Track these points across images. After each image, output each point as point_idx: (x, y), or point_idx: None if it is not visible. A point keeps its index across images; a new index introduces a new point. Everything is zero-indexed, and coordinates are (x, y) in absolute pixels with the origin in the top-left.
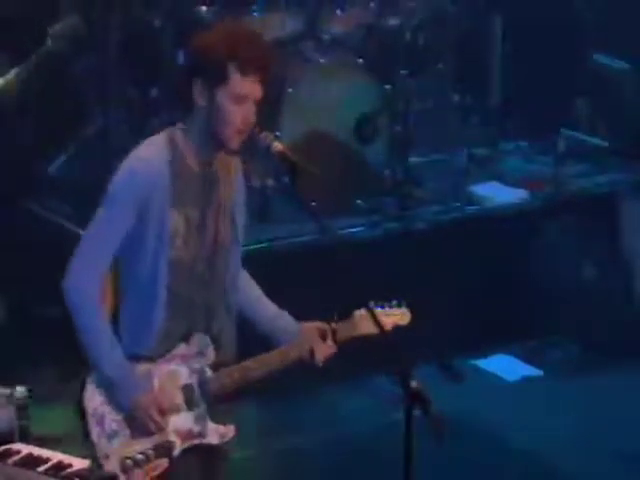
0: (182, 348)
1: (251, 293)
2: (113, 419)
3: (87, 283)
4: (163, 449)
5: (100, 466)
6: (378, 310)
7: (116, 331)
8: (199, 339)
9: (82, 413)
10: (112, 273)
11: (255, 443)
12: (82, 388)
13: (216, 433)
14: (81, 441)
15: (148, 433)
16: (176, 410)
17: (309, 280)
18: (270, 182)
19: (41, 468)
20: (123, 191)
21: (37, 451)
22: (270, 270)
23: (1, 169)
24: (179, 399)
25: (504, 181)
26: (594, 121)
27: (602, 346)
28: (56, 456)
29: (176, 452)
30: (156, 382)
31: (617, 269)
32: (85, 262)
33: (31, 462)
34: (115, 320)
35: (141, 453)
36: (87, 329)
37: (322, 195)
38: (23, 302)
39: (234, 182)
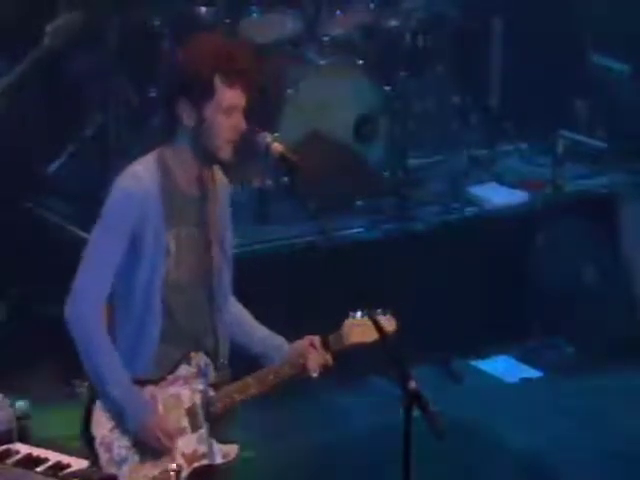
0: (184, 369)
1: (241, 316)
2: (122, 445)
3: (90, 312)
4: (171, 473)
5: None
6: (364, 319)
7: None
8: (199, 359)
9: (90, 441)
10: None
11: (255, 444)
12: (88, 415)
13: (220, 453)
14: (80, 441)
15: (156, 457)
16: (182, 433)
17: (309, 281)
18: (269, 183)
19: (40, 468)
20: (117, 216)
21: (36, 451)
22: (269, 271)
23: (1, 169)
24: (184, 422)
25: (503, 182)
26: (593, 122)
27: (601, 347)
28: (55, 456)
29: (184, 475)
30: (160, 406)
31: (616, 270)
32: (86, 291)
33: (30, 462)
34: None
35: (150, 479)
36: (94, 356)
37: (321, 196)
38: (23, 302)
39: (220, 199)
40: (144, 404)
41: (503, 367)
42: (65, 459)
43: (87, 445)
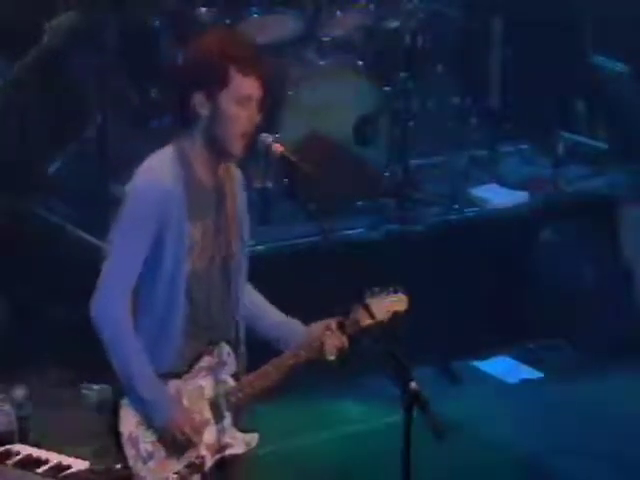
0: (206, 360)
1: (257, 302)
2: (148, 441)
3: (117, 309)
4: (195, 465)
5: (127, 467)
6: (375, 299)
7: None
8: (221, 349)
9: (117, 438)
10: None
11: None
12: (115, 412)
13: (242, 442)
14: (80, 442)
15: (182, 451)
16: (206, 424)
17: (309, 282)
18: (270, 184)
19: (41, 469)
20: (136, 213)
21: (37, 452)
22: (270, 272)
23: (1, 169)
24: (208, 413)
25: (503, 183)
26: (593, 123)
27: (602, 348)
28: (56, 457)
29: (208, 466)
30: (185, 400)
31: (616, 271)
32: (112, 289)
33: (31, 463)
34: None
35: (175, 473)
36: (122, 354)
37: (322, 197)
38: (23, 302)
39: (237, 192)
40: (170, 400)
41: (503, 368)
42: (66, 460)
43: (114, 442)
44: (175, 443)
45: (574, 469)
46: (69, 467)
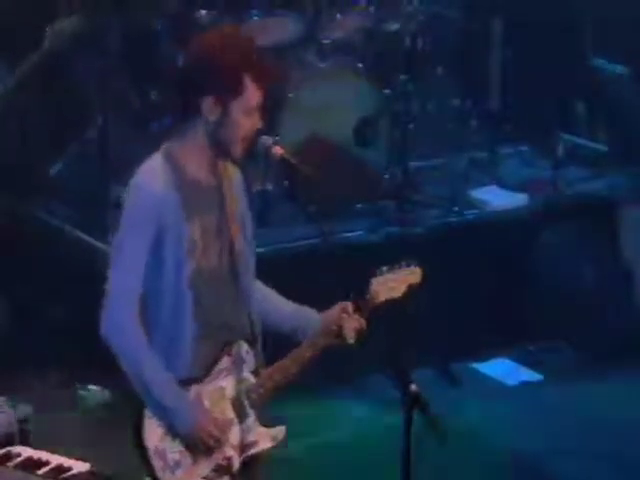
0: (225, 361)
1: (268, 296)
2: (174, 450)
3: (127, 321)
4: (223, 467)
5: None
6: (389, 275)
7: None
8: (239, 347)
9: (143, 451)
10: None
11: None
12: (139, 424)
13: (268, 437)
14: (81, 444)
15: (208, 455)
16: (230, 425)
17: (309, 284)
18: (270, 186)
19: (41, 471)
20: (135, 218)
21: (37, 454)
22: (270, 274)
23: (2, 171)
24: (230, 413)
25: (503, 185)
26: (593, 125)
27: (601, 351)
28: (56, 459)
29: (236, 467)
30: (207, 402)
31: (616, 274)
32: (119, 302)
33: (31, 465)
34: None
35: (204, 478)
36: (137, 366)
37: (322, 199)
38: (24, 304)
39: (236, 190)
40: (191, 404)
41: (503, 370)
42: (66, 462)
43: (140, 456)
44: (202, 446)
45: (574, 471)
46: (70, 469)
